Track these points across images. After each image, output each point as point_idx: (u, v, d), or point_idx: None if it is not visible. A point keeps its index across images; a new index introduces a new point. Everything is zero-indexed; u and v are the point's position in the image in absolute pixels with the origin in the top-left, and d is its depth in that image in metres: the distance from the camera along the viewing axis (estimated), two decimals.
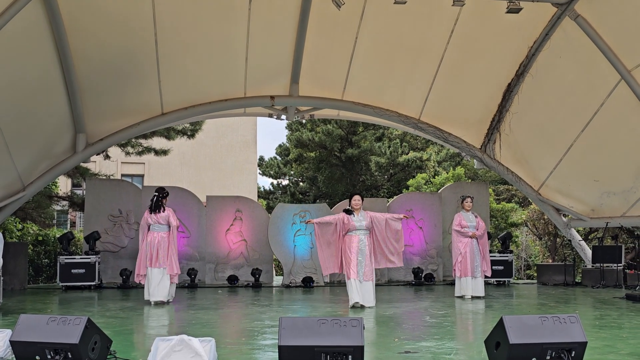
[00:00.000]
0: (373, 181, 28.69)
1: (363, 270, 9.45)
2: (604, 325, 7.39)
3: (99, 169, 21.23)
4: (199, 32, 12.27)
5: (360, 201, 9.83)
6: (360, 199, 9.88)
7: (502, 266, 14.38)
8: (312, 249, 14.50)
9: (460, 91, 14.30)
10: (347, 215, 9.73)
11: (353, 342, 4.62)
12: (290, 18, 12.16)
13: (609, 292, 12.36)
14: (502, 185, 27.40)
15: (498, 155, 15.26)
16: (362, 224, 9.65)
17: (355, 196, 9.90)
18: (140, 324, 7.83)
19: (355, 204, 9.78)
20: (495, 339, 4.90)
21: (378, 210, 15.21)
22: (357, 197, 9.89)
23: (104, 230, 14.39)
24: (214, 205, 14.92)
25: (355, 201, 9.80)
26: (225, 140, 33.49)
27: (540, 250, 24.10)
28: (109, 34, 11.73)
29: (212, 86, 13.94)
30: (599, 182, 13.92)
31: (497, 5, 11.51)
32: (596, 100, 12.68)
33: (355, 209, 9.78)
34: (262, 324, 7.63)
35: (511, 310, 9.33)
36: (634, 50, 11.54)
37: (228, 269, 14.66)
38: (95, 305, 10.13)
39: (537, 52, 12.94)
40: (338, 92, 14.59)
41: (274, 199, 32.08)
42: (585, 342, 4.79)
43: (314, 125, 28.28)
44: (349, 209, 9.82)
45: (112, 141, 14.32)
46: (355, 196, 9.90)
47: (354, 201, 9.82)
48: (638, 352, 5.40)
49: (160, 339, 4.69)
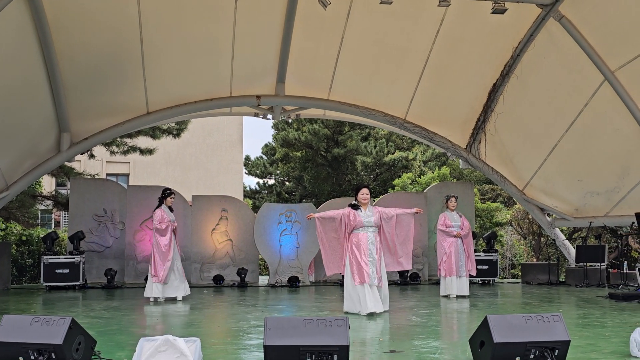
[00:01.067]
0: (359, 181, 28.70)
1: (375, 273, 8.40)
2: (587, 324, 7.45)
3: (84, 168, 21.11)
4: (184, 31, 12.23)
5: (368, 195, 8.76)
6: (369, 192, 8.81)
7: (487, 265, 14.46)
8: (298, 248, 14.52)
9: (445, 91, 14.37)
10: (353, 211, 8.65)
11: (338, 342, 4.63)
12: (277, 17, 12.15)
13: (592, 291, 12.46)
14: (487, 185, 27.54)
15: (483, 155, 15.34)
16: (370, 221, 8.60)
17: (363, 189, 8.78)
18: (125, 324, 7.80)
19: (363, 198, 8.71)
20: (480, 338, 4.93)
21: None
22: (365, 190, 8.77)
23: (88, 230, 14.30)
24: (200, 204, 14.89)
25: (363, 195, 8.72)
26: (211, 139, 33.41)
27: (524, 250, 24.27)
28: (94, 32, 11.66)
29: (197, 85, 13.90)
30: (582, 182, 14.03)
31: (482, 6, 11.57)
32: (580, 100, 12.78)
33: (362, 203, 8.72)
34: (248, 324, 7.62)
35: (496, 310, 9.38)
36: (617, 51, 11.65)
37: (214, 269, 14.63)
38: (79, 306, 10.07)
39: (522, 53, 13.03)
40: (324, 92, 14.60)
41: (260, 199, 32.04)
42: (569, 340, 4.84)
43: (300, 124, 28.28)
44: (355, 204, 8.75)
45: (97, 140, 14.23)
46: (363, 189, 8.77)
47: (361, 195, 8.73)
48: (620, 351, 5.45)
49: (145, 339, 4.67)
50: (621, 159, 12.85)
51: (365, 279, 8.27)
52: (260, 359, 5.02)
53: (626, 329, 6.76)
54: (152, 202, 14.56)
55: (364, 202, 8.70)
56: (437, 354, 5.50)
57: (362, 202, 8.71)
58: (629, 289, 11.86)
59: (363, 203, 8.71)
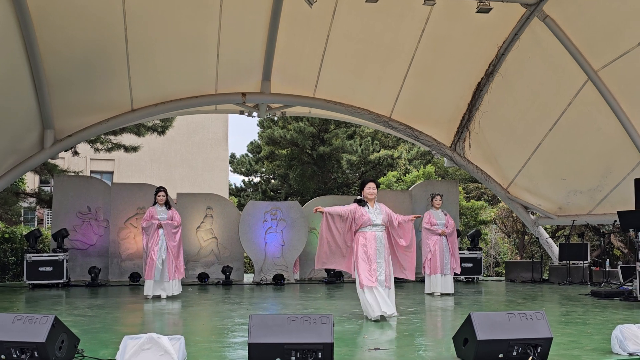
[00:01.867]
0: (344, 179, 28.74)
1: (384, 275, 7.75)
2: (570, 321, 7.51)
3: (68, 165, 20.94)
4: (169, 28, 12.18)
5: (375, 190, 8.00)
6: (376, 187, 8.07)
7: (471, 263, 14.53)
8: (283, 246, 14.51)
9: (431, 90, 14.42)
10: (360, 207, 7.92)
11: (323, 340, 4.64)
12: (262, 15, 12.13)
13: (575, 288, 12.57)
14: (471, 184, 27.67)
15: (468, 153, 15.42)
16: (378, 219, 7.89)
17: (369, 183, 7.99)
18: (109, 322, 7.76)
19: (370, 193, 7.93)
20: (463, 335, 4.96)
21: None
22: (371, 184, 7.99)
23: (72, 228, 14.21)
24: (185, 202, 14.83)
25: (369, 190, 7.94)
26: (196, 137, 33.30)
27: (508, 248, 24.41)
28: (78, 28, 11.58)
29: (183, 83, 13.85)
30: (566, 181, 14.15)
31: (467, 5, 11.63)
32: (564, 100, 12.89)
33: (369, 199, 7.95)
34: (233, 322, 7.61)
35: (479, 307, 9.43)
36: (600, 51, 11.75)
37: (198, 267, 14.59)
38: (62, 304, 10.00)
39: (506, 52, 13.11)
40: (310, 90, 14.60)
41: (246, 197, 31.96)
42: (551, 338, 4.88)
43: (285, 122, 28.25)
44: (362, 199, 7.99)
45: (81, 137, 14.14)
46: (370, 183, 7.99)
47: (367, 190, 7.94)
48: (602, 348, 5.51)
49: (128, 337, 4.65)
50: (604, 158, 12.98)
51: (373, 282, 7.62)
52: (244, 356, 5.02)
53: (608, 326, 6.83)
54: (136, 200, 14.58)
55: (371, 197, 7.95)
56: (421, 351, 5.52)
57: (368, 198, 7.95)
58: (611, 287, 11.97)
59: (370, 199, 7.95)
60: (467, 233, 16.53)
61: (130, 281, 13.81)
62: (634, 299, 9.67)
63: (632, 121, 12.04)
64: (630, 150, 12.33)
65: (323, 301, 10.33)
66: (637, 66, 11.35)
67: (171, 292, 10.74)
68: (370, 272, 7.64)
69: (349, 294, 11.56)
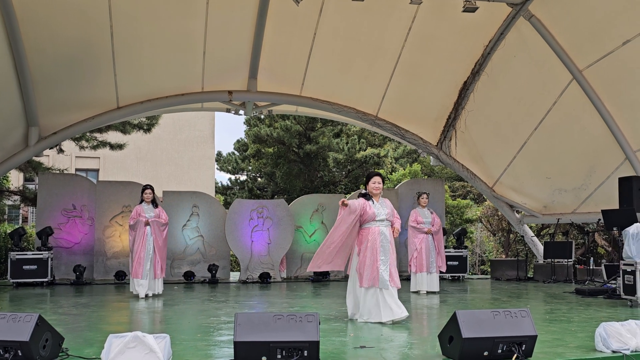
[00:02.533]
0: (331, 177, 28.76)
1: (388, 273, 7.35)
2: (554, 319, 7.57)
3: (52, 163, 20.83)
4: (156, 25, 12.12)
5: (381, 184, 7.69)
6: (382, 180, 7.76)
7: (457, 262, 14.59)
8: (269, 244, 14.49)
9: (417, 88, 14.46)
10: (366, 202, 7.56)
11: (309, 338, 4.64)
12: (249, 13, 12.11)
13: (560, 286, 12.65)
14: (457, 182, 27.80)
15: (454, 152, 15.48)
16: (383, 214, 7.55)
17: (375, 177, 7.68)
18: (94, 320, 7.72)
19: (375, 188, 7.62)
20: (449, 333, 4.98)
21: (336, 207, 15.33)
22: (377, 178, 7.68)
23: (57, 226, 14.11)
24: (171, 200, 14.76)
25: (375, 184, 7.63)
26: (182, 135, 33.17)
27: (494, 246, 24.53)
28: (64, 25, 11.50)
29: (169, 80, 13.79)
30: (551, 180, 14.25)
31: (453, 5, 11.66)
32: (549, 99, 12.97)
33: (374, 194, 7.63)
34: (218, 320, 7.59)
35: (465, 305, 9.48)
36: (585, 51, 11.84)
37: (184, 265, 14.54)
38: (47, 302, 9.93)
39: (492, 51, 13.17)
40: (296, 88, 14.59)
41: (232, 195, 31.89)
42: (536, 335, 4.92)
43: (272, 120, 28.23)
44: (366, 193, 7.68)
45: (66, 135, 14.05)
46: (375, 177, 7.69)
47: (372, 184, 7.64)
48: (586, 345, 5.55)
49: (113, 336, 4.63)
50: (588, 157, 13.08)
51: (377, 282, 7.23)
52: (230, 355, 5.01)
53: (592, 323, 6.89)
54: (122, 198, 14.50)
55: (376, 192, 7.62)
56: (407, 349, 5.54)
57: (373, 193, 7.61)
58: (595, 285, 12.07)
59: (375, 193, 7.62)
60: (453, 231, 16.60)
61: (116, 280, 13.74)
62: (618, 296, 9.76)
63: (616, 120, 12.14)
64: (614, 150, 12.43)
65: (309, 299, 10.33)
66: (622, 66, 11.45)
67: (157, 290, 10.71)
68: (376, 271, 7.25)
69: (336, 292, 11.58)
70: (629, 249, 9.07)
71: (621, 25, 10.96)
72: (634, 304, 8.91)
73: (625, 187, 11.66)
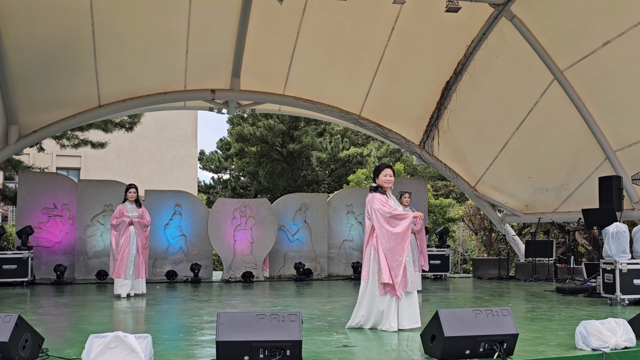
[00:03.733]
0: (314, 176, 28.77)
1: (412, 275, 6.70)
2: (535, 318, 7.62)
3: (33, 161, 20.62)
4: (138, 23, 12.05)
5: (392, 177, 6.84)
6: (393, 173, 6.90)
7: (440, 260, 14.67)
8: (252, 244, 14.47)
9: (400, 88, 14.50)
10: (385, 197, 6.75)
11: (291, 337, 4.64)
12: (232, 11, 12.07)
13: (541, 285, 12.75)
14: (440, 181, 27.91)
15: (436, 151, 15.55)
16: (399, 209, 6.79)
17: (386, 169, 6.81)
18: (75, 320, 7.66)
19: (387, 181, 6.78)
20: (431, 332, 5.00)
21: (319, 206, 15.37)
22: (388, 170, 6.82)
23: (37, 225, 13.98)
24: (153, 199, 14.68)
25: (386, 177, 6.78)
26: (165, 133, 32.99)
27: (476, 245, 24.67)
28: (44, 22, 11.40)
29: (151, 79, 13.71)
30: (532, 179, 14.36)
31: (436, 4, 11.70)
32: (531, 99, 13.06)
33: (386, 187, 6.82)
34: (201, 320, 7.56)
35: (447, 304, 9.52)
36: (566, 51, 11.94)
37: (167, 264, 14.47)
38: (27, 302, 9.83)
39: (474, 51, 13.24)
40: (279, 87, 14.57)
41: (215, 194, 31.80)
42: (517, 334, 4.95)
43: (255, 119, 28.17)
44: (378, 187, 6.81)
45: (46, 133, 13.92)
46: (387, 169, 6.82)
47: (384, 176, 6.79)
48: (566, 343, 5.59)
49: (94, 336, 4.59)
50: (569, 156, 13.20)
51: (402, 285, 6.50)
52: (212, 354, 4.99)
53: (572, 322, 6.95)
54: (103, 197, 14.40)
55: (388, 185, 6.80)
56: (389, 348, 5.55)
57: (385, 186, 6.80)
58: (575, 283, 12.18)
59: (387, 187, 6.81)
60: (436, 230, 16.67)
61: (97, 279, 13.63)
62: (598, 295, 9.85)
63: (596, 121, 12.25)
64: (595, 149, 12.55)
65: (292, 299, 10.32)
66: (602, 66, 11.56)
67: (140, 290, 10.65)
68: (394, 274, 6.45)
69: (319, 291, 11.58)
70: (608, 248, 9.16)
71: (601, 26, 11.06)
72: (613, 303, 9.01)
73: (605, 186, 11.78)
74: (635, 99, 11.45)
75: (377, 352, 5.37)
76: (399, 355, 5.16)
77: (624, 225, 9.28)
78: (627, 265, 8.89)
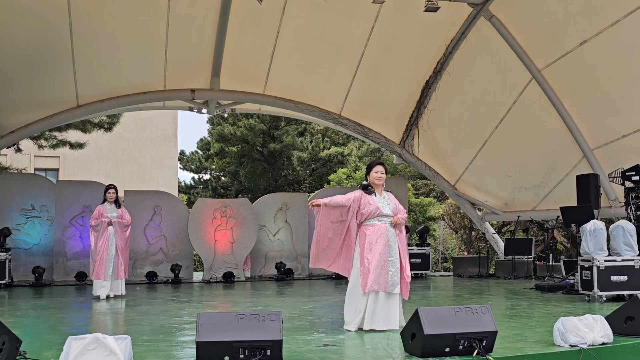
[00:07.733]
0: (295, 176, 28.75)
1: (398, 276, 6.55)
2: (514, 315, 7.69)
3: (10, 162, 20.41)
4: (116, 22, 11.96)
5: (384, 174, 6.73)
6: (385, 171, 6.78)
7: (420, 259, 14.73)
8: (232, 244, 14.42)
9: (380, 87, 14.54)
10: (366, 195, 6.62)
11: (271, 337, 4.63)
12: (211, 11, 12.03)
13: (520, 282, 12.86)
14: (420, 180, 28.03)
15: (416, 150, 15.62)
16: (387, 208, 6.63)
17: (377, 166, 6.71)
18: (53, 323, 7.58)
19: (378, 178, 6.67)
20: (411, 330, 5.02)
21: (300, 205, 15.35)
22: (379, 167, 6.71)
23: (15, 226, 13.82)
24: (133, 200, 14.57)
25: (377, 174, 6.68)
26: (144, 133, 32.75)
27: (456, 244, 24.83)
28: (21, 22, 11.28)
29: (130, 78, 13.62)
30: (511, 178, 14.47)
31: (415, 4, 11.75)
32: (509, 98, 13.17)
33: (377, 185, 6.70)
34: (181, 320, 7.53)
35: (427, 302, 9.56)
36: (544, 51, 12.05)
37: (147, 265, 14.38)
38: (5, 305, 9.72)
39: (454, 51, 13.32)
40: (260, 87, 14.54)
41: (195, 194, 31.65)
42: (496, 331, 4.99)
43: (235, 119, 28.08)
44: (367, 185, 6.71)
45: (24, 134, 13.77)
46: (378, 166, 6.71)
47: (375, 173, 6.68)
48: (545, 340, 5.65)
49: (73, 338, 4.55)
50: (547, 155, 13.32)
51: (382, 286, 6.41)
52: (192, 355, 4.97)
53: (551, 319, 7.01)
54: (82, 198, 14.27)
55: (379, 183, 6.69)
56: (370, 346, 5.57)
57: (376, 184, 6.68)
58: (554, 281, 12.30)
59: (377, 185, 6.69)
60: (416, 229, 16.73)
61: (77, 281, 13.51)
62: (576, 292, 9.96)
63: (574, 119, 12.38)
64: (573, 148, 12.68)
65: (273, 299, 10.31)
66: (580, 65, 11.68)
67: (120, 291, 10.58)
68: (379, 273, 6.40)
69: (300, 291, 11.58)
70: (586, 245, 9.26)
71: (579, 26, 11.18)
72: (591, 299, 9.11)
73: (582, 184, 11.90)
74: (612, 98, 11.59)
75: (357, 351, 5.38)
76: (379, 354, 5.18)
77: (602, 222, 9.38)
78: (605, 262, 8.98)
